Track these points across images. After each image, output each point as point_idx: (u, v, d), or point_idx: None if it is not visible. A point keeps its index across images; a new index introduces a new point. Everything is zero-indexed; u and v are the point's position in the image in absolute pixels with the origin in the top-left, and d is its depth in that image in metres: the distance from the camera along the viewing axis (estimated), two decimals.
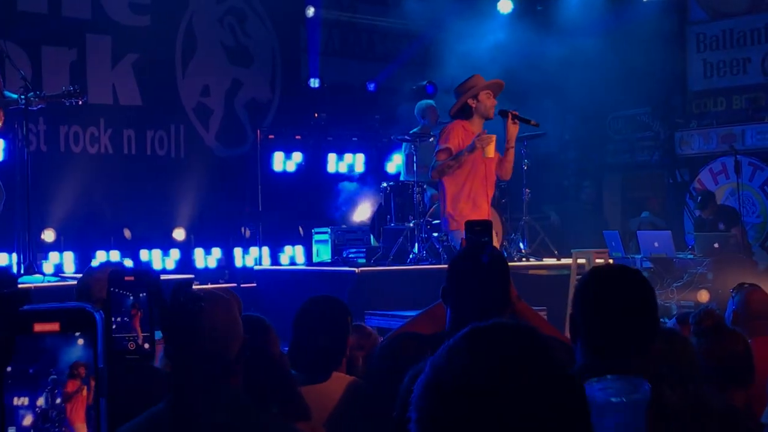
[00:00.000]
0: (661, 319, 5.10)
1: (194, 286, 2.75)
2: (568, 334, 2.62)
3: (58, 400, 1.24)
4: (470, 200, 7.79)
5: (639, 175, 14.51)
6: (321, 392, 3.45)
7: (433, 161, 7.93)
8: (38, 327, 1.25)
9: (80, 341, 1.25)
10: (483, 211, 7.74)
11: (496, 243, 9.69)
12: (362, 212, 12.16)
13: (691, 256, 11.54)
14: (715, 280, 10.76)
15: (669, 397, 2.14)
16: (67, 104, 7.93)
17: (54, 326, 1.25)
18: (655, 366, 2.20)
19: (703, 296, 10.60)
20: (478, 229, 3.32)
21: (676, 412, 2.12)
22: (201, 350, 2.54)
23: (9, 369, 1.24)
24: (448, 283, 3.08)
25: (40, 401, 1.24)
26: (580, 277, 2.51)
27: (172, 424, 2.50)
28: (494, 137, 7.59)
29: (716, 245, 11.33)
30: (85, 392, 1.23)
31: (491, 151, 7.60)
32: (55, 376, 1.24)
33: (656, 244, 11.68)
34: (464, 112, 7.94)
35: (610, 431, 2.02)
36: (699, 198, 12.42)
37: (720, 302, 8.65)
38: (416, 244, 9.70)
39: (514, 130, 7.80)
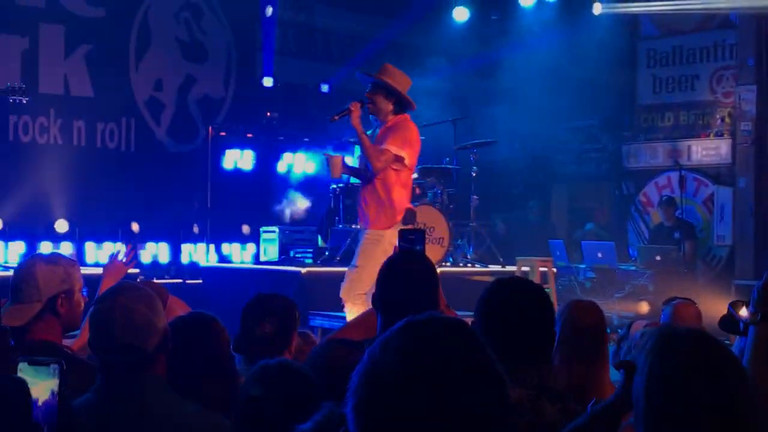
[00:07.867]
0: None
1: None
2: None
3: None
4: None
5: (586, 187, 14.69)
6: None
7: None
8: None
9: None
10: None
11: (441, 249, 9.86)
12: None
13: (634, 268, 11.69)
14: (655, 292, 10.91)
15: (549, 412, 2.23)
16: (11, 101, 7.88)
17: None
18: (540, 379, 2.29)
19: (643, 307, 10.76)
20: (412, 238, 3.36)
21: (554, 426, 2.21)
22: (116, 341, 2.64)
23: None
24: (378, 290, 3.12)
25: None
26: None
27: (98, 412, 2.59)
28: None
29: (658, 258, 11.51)
30: None
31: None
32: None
33: (600, 255, 11.80)
34: None
35: None
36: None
37: (659, 314, 8.79)
38: None
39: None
